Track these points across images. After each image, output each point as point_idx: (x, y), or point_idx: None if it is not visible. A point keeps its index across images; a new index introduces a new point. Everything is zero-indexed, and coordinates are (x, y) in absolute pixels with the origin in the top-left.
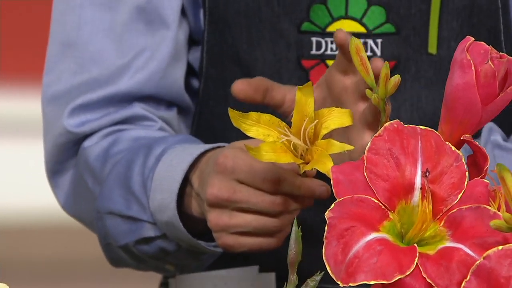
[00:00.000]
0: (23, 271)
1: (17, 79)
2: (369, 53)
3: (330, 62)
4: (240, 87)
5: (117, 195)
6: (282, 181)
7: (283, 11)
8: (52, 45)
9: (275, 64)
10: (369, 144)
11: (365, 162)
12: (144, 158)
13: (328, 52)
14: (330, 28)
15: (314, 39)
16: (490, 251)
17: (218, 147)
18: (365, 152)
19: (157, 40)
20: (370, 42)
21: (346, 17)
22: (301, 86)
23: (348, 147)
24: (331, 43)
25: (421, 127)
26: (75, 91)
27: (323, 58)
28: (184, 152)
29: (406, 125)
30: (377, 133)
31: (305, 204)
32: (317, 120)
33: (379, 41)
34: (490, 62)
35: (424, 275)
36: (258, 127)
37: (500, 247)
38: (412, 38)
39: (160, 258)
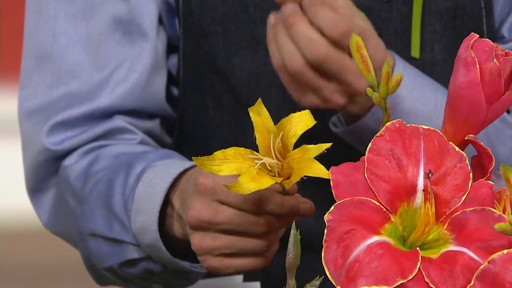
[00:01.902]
0: (12, 275)
1: (17, 79)
2: None
3: None
4: None
5: (98, 216)
6: (264, 200)
7: (260, 17)
8: (26, 59)
9: (253, 71)
10: (370, 145)
11: (365, 163)
12: (124, 176)
13: None
14: None
15: None
16: (495, 255)
17: None
18: (366, 152)
19: (137, 51)
20: None
21: None
22: (252, 107)
23: (325, 145)
24: None
25: (423, 126)
26: (53, 107)
27: None
28: (163, 171)
29: (408, 125)
30: (379, 133)
31: (290, 222)
32: (282, 132)
33: None
34: (495, 60)
35: (427, 280)
36: (228, 164)
37: (505, 251)
38: (394, 43)
39: (146, 278)
